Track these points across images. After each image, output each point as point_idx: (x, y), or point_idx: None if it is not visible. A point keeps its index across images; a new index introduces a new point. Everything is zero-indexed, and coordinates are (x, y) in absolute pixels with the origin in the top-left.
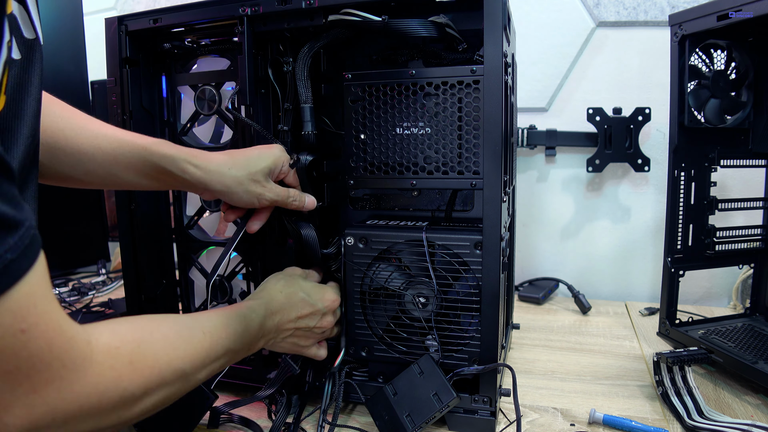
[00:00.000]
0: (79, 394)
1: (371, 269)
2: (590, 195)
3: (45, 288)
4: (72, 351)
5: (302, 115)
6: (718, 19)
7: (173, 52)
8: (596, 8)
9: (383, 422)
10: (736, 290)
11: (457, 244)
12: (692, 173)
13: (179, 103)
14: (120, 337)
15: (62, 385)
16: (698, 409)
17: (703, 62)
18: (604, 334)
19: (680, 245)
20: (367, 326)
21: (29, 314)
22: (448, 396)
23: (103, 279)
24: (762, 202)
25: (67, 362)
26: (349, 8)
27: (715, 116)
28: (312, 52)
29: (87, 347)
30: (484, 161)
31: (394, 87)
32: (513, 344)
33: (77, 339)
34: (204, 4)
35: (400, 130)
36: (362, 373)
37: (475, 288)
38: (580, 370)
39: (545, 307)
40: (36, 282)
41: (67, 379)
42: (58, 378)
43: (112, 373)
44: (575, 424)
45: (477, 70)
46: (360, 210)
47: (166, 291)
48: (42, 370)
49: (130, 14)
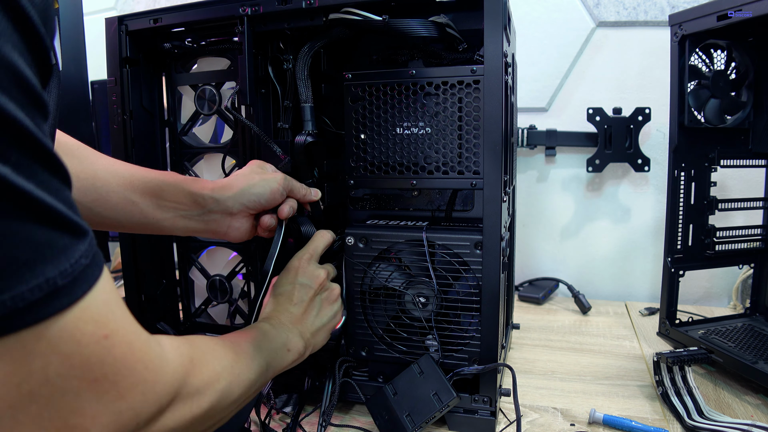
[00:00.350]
0: (160, 393)
1: (371, 269)
2: (590, 195)
3: (116, 294)
4: (151, 352)
5: (302, 114)
6: (718, 19)
7: (173, 52)
8: (596, 8)
9: (383, 422)
10: (736, 290)
11: (457, 244)
12: (692, 173)
13: (179, 103)
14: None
15: (146, 388)
16: (698, 409)
17: (703, 62)
18: (604, 334)
19: (680, 245)
20: (367, 326)
21: (109, 320)
22: (448, 396)
23: None
24: (762, 202)
25: (148, 364)
26: (350, 8)
27: (715, 116)
28: (312, 52)
29: (159, 347)
30: (484, 161)
31: (394, 87)
32: (513, 344)
33: (151, 341)
34: (204, 4)
35: (400, 130)
36: (362, 373)
37: (475, 288)
38: (580, 370)
39: (545, 307)
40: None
41: (150, 381)
42: (141, 381)
43: (181, 369)
44: (575, 424)
45: (477, 70)
46: (360, 210)
47: (166, 291)
48: (127, 375)
49: (130, 14)
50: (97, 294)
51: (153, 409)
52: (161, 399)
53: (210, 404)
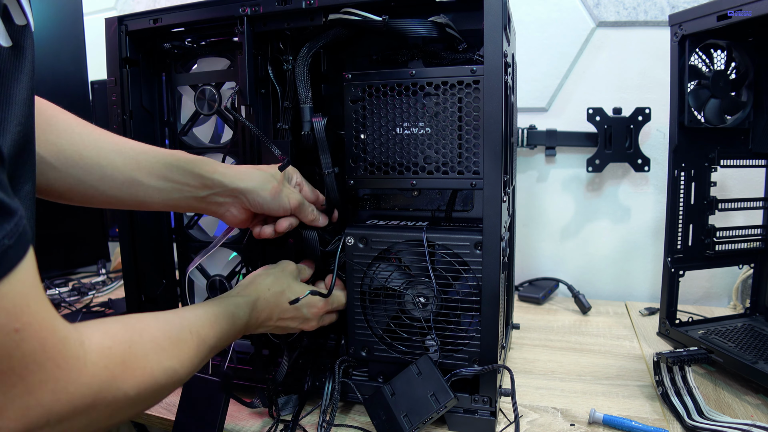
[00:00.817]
0: (74, 395)
1: (371, 269)
2: (590, 195)
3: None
4: (65, 351)
5: (302, 115)
6: (718, 19)
7: (173, 52)
8: (596, 8)
9: (381, 422)
10: (736, 290)
11: (457, 244)
12: (692, 173)
13: (179, 103)
14: (111, 337)
15: (57, 386)
16: (698, 409)
17: (703, 62)
18: (604, 334)
19: (680, 245)
20: (367, 326)
21: (23, 313)
22: (446, 396)
23: (103, 279)
24: (762, 202)
25: (61, 363)
26: (350, 8)
27: (715, 116)
28: (312, 52)
29: (80, 347)
30: (484, 161)
31: (394, 87)
32: (513, 344)
33: (70, 339)
34: (204, 4)
35: (400, 130)
36: (362, 373)
37: (475, 288)
38: (580, 370)
39: (545, 307)
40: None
41: (62, 380)
42: (52, 379)
43: (106, 373)
44: (575, 424)
45: (477, 70)
46: (360, 210)
47: (166, 291)
48: (36, 371)
49: (130, 14)
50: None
51: (65, 408)
52: (75, 400)
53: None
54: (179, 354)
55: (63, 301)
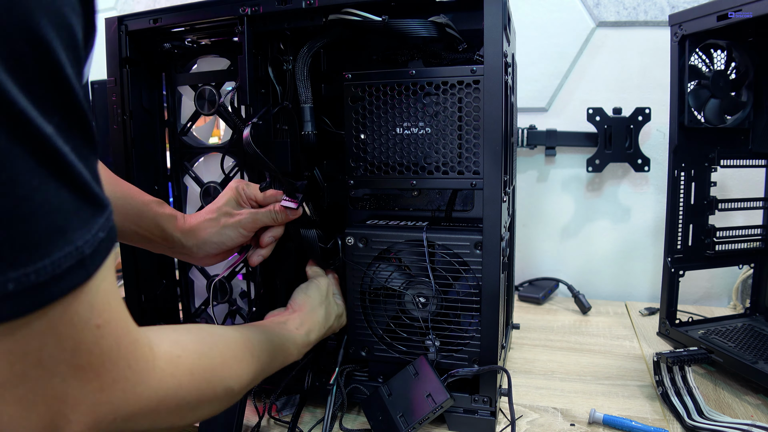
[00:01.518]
0: (141, 397)
1: (371, 269)
2: (590, 195)
3: (116, 284)
4: (137, 353)
5: (302, 115)
6: (718, 19)
7: (173, 52)
8: (596, 8)
9: (377, 422)
10: (736, 290)
11: (457, 244)
12: (692, 173)
13: (179, 103)
14: (182, 347)
15: (127, 386)
16: (698, 409)
17: (703, 62)
18: (604, 334)
19: (680, 245)
20: (367, 326)
21: (104, 310)
22: (442, 397)
23: None
24: (762, 202)
25: (132, 364)
26: (350, 8)
27: (715, 116)
28: (312, 52)
29: (150, 352)
30: (484, 161)
31: (394, 87)
32: (513, 344)
33: (141, 342)
34: (204, 4)
35: (400, 130)
36: (362, 374)
37: (475, 288)
38: (580, 370)
39: (545, 307)
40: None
41: (131, 381)
42: (123, 378)
43: (173, 380)
44: (575, 424)
45: (477, 70)
46: (360, 210)
47: (166, 291)
48: (111, 369)
49: (130, 14)
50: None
51: (133, 409)
52: (142, 401)
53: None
54: (241, 374)
55: None
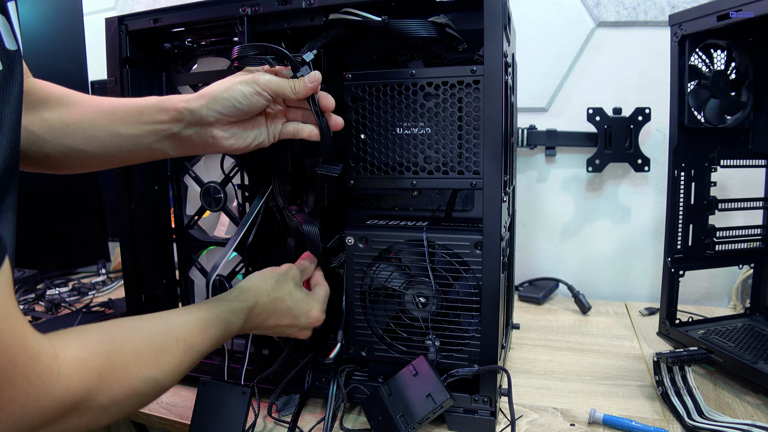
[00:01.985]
0: (45, 408)
1: (371, 269)
2: (590, 195)
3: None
4: (37, 367)
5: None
6: (718, 19)
7: (173, 52)
8: (596, 8)
9: (377, 422)
10: (736, 290)
11: (457, 244)
12: (692, 173)
13: None
14: (89, 349)
15: (27, 401)
16: (698, 409)
17: (703, 62)
18: (604, 334)
19: (680, 245)
20: (367, 326)
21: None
22: (442, 396)
23: (103, 279)
24: (762, 202)
25: (32, 378)
26: (350, 8)
27: (715, 116)
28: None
29: (53, 361)
30: (484, 161)
31: (394, 87)
32: (513, 344)
33: (42, 354)
34: (204, 4)
35: (400, 130)
36: (362, 374)
37: (475, 288)
38: (580, 370)
39: (545, 307)
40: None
41: (32, 395)
42: (23, 394)
43: (80, 385)
44: (575, 424)
45: (477, 70)
46: (360, 210)
47: (166, 291)
48: (6, 388)
49: (130, 14)
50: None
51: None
52: (47, 413)
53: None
54: (162, 363)
55: (63, 301)
